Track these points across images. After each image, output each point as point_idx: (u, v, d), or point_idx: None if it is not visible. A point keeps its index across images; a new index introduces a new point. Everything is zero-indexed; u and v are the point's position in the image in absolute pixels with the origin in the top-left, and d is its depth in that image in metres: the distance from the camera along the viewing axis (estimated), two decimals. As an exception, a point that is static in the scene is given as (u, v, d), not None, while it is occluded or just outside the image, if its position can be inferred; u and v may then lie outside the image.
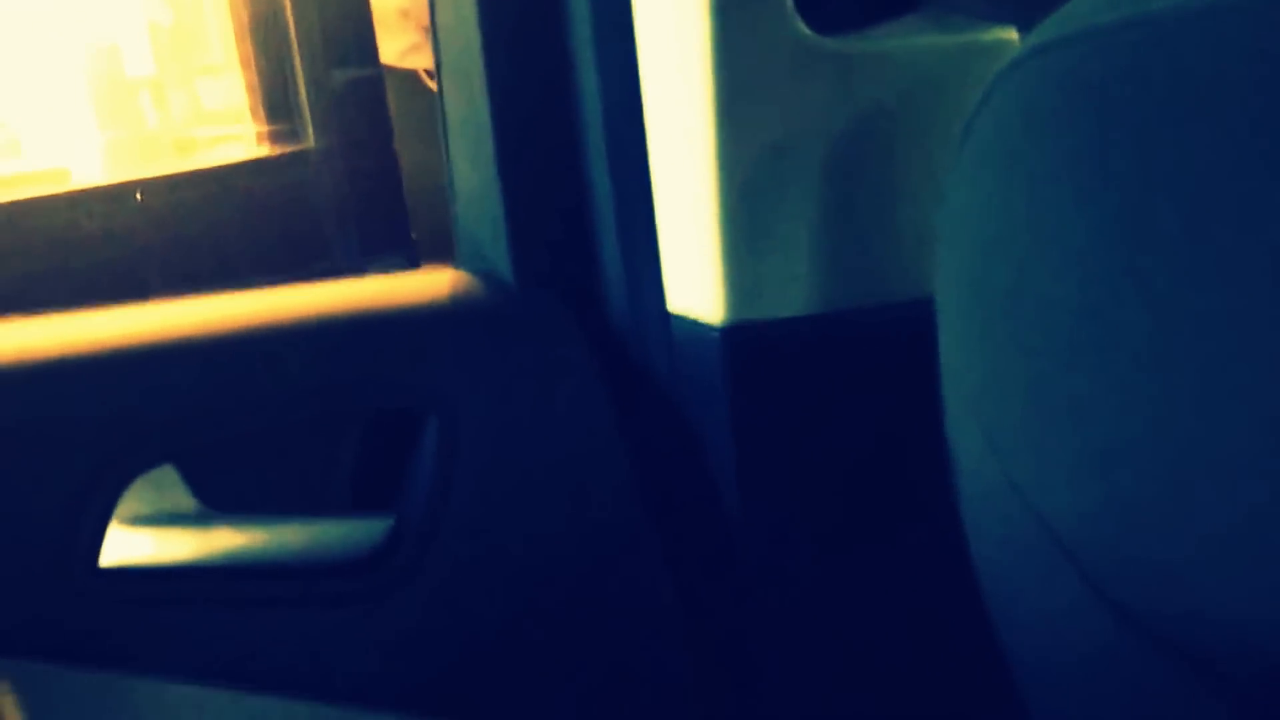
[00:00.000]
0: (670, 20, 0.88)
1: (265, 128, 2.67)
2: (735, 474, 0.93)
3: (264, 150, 2.69)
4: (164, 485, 0.90)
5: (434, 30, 1.04)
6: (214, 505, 0.92)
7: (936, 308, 0.68)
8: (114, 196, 2.40)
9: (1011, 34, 0.88)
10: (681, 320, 0.94)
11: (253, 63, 2.66)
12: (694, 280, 0.92)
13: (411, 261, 2.77)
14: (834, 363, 0.92)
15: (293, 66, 2.62)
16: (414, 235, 2.69)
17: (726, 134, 0.87)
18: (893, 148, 0.89)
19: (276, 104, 2.67)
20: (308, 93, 2.62)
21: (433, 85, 1.35)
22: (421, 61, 2.60)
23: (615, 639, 0.96)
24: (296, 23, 2.59)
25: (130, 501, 0.87)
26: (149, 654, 0.86)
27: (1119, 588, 0.56)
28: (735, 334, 0.90)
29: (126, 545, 0.88)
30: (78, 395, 0.87)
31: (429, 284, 1.00)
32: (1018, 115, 0.59)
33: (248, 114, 2.72)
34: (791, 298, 0.90)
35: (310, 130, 2.64)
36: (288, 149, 2.67)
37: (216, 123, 2.94)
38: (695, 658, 0.96)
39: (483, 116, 0.98)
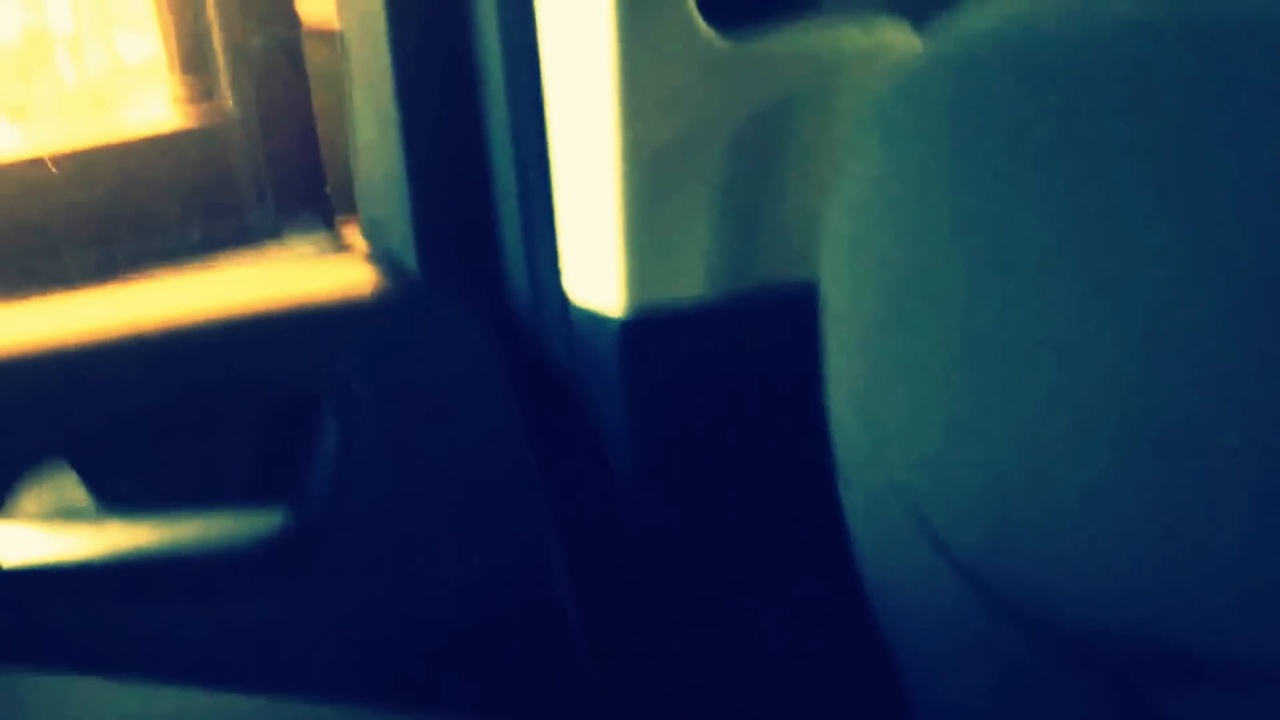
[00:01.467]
0: (573, 12, 0.88)
1: (183, 87, 2.64)
2: (632, 461, 0.94)
3: (180, 117, 2.65)
4: (58, 480, 0.90)
5: (342, 22, 1.04)
6: (108, 499, 0.92)
7: (821, 303, 0.69)
8: (28, 166, 2.37)
9: (907, 34, 0.89)
10: (580, 308, 0.95)
11: (170, 21, 2.63)
12: (593, 268, 0.93)
13: (327, 220, 2.75)
14: (727, 349, 0.94)
15: (208, 25, 2.59)
16: (329, 192, 2.67)
17: (627, 126, 0.87)
18: (788, 142, 0.90)
19: (193, 63, 2.64)
20: (225, 52, 2.59)
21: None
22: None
23: (511, 628, 0.97)
24: (213, -20, 2.57)
25: (24, 498, 0.87)
26: (48, 651, 0.86)
27: (992, 578, 0.57)
28: (632, 321, 0.91)
29: (21, 542, 0.88)
30: None
31: (332, 273, 1.00)
32: (906, 118, 0.60)
33: (165, 72, 2.69)
34: (687, 285, 0.91)
35: (228, 91, 2.61)
36: (205, 111, 2.65)
37: (133, 79, 2.90)
38: (590, 648, 0.97)
39: (388, 106, 0.98)
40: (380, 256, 1.03)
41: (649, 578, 0.96)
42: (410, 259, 1.00)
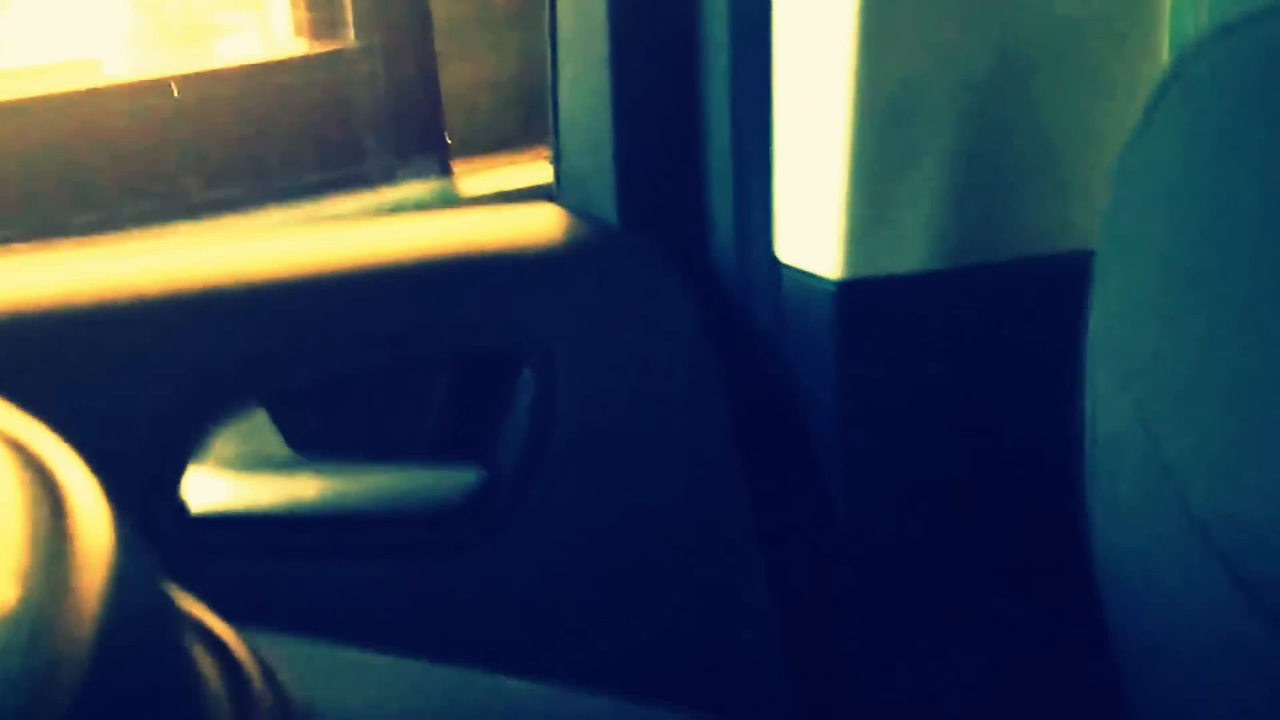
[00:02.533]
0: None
1: (304, 17, 2.61)
2: (839, 437, 0.90)
3: (302, 46, 2.63)
4: (253, 430, 0.87)
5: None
6: (302, 450, 0.89)
7: (1095, 273, 0.65)
8: (149, 90, 2.35)
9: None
10: (792, 272, 0.90)
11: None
12: (809, 231, 0.88)
13: (444, 166, 2.73)
14: (952, 326, 0.89)
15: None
16: (448, 139, 2.65)
17: (861, 76, 0.82)
18: (1031, 97, 0.85)
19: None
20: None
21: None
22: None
23: (703, 607, 0.92)
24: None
25: (219, 446, 0.84)
26: (233, 603, 0.82)
27: (1269, 584, 0.53)
28: (850, 289, 0.86)
29: (215, 491, 0.85)
30: (163, 336, 0.84)
31: (527, 221, 0.95)
32: (1210, 90, 0.57)
33: (287, 3, 2.66)
34: (911, 253, 0.86)
35: (350, 25, 2.58)
36: (326, 46, 2.62)
37: (252, 9, 2.88)
38: (783, 630, 0.93)
39: (598, 46, 0.93)
40: (577, 208, 0.98)
41: (852, 569, 0.92)
42: (610, 212, 0.95)
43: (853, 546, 0.91)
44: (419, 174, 2.49)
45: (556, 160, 1.01)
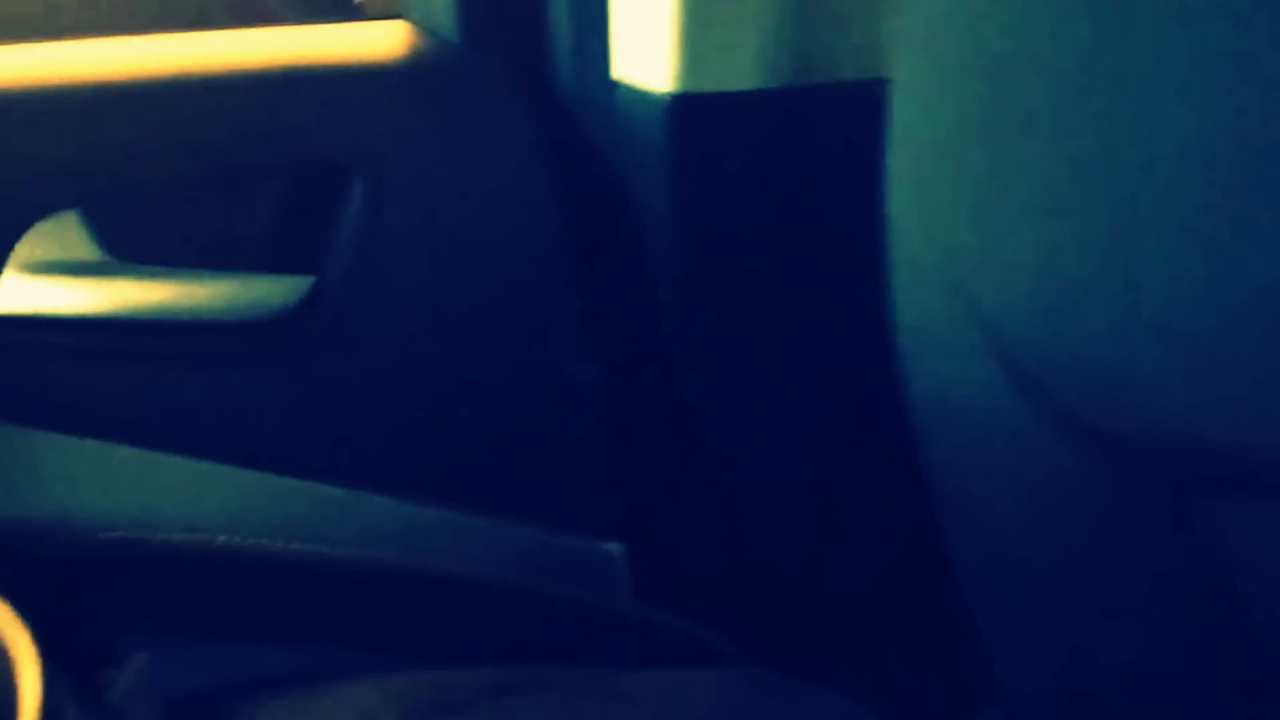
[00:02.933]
0: None
1: None
2: (671, 253, 0.92)
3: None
4: (65, 232, 0.87)
5: None
6: (122, 255, 0.89)
7: (889, 89, 0.67)
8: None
9: None
10: (627, 89, 0.91)
11: None
12: (643, 48, 0.89)
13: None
14: (779, 144, 0.91)
15: None
16: None
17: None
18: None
19: None
20: None
21: None
22: None
23: (538, 415, 0.94)
24: None
25: (28, 247, 0.84)
26: (46, 407, 0.83)
27: (1047, 380, 0.56)
28: (682, 104, 0.88)
29: (24, 293, 0.85)
30: None
31: (371, 37, 0.96)
32: None
33: None
34: (742, 74, 0.88)
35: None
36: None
37: None
38: (615, 434, 0.95)
39: None
40: (420, 23, 0.99)
41: (683, 372, 0.94)
42: (451, 28, 0.96)
43: (683, 350, 0.94)
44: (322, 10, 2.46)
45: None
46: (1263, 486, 0.50)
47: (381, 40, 0.96)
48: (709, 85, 0.88)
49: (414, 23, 0.99)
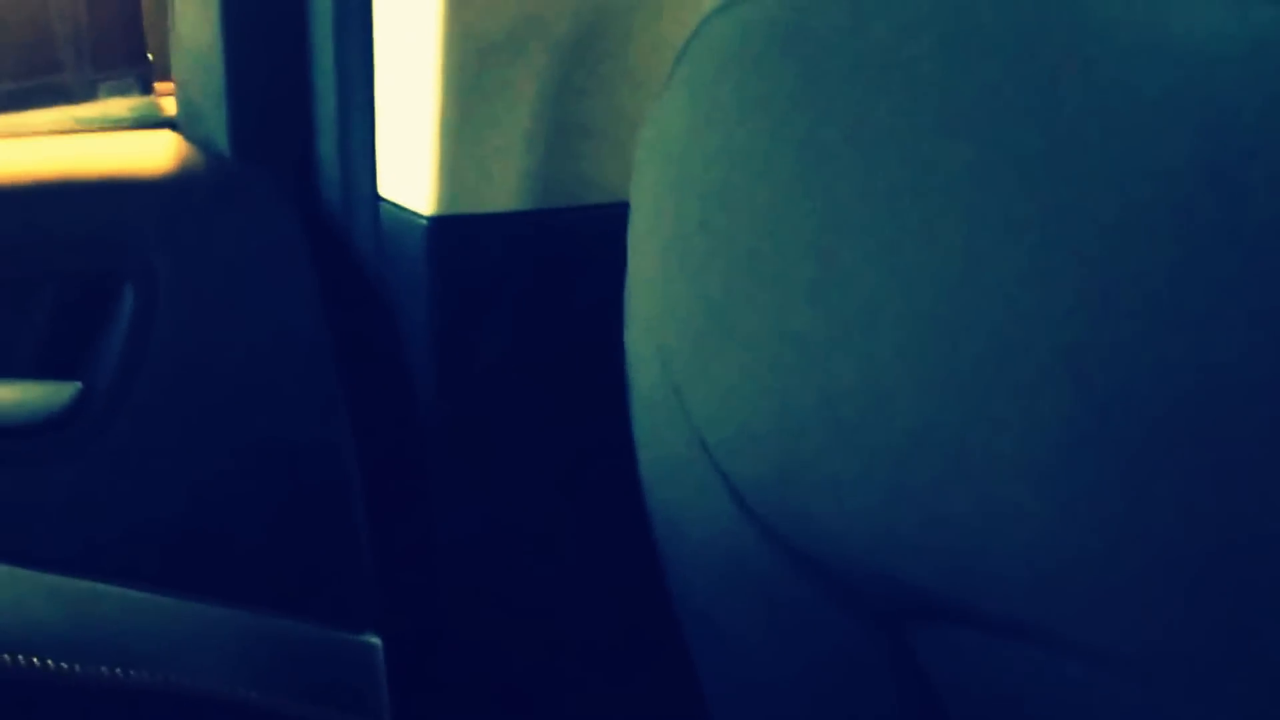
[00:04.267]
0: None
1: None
2: (434, 367, 0.95)
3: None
4: None
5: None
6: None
7: (629, 225, 0.69)
8: None
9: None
10: (391, 206, 0.95)
11: None
12: (406, 168, 0.93)
13: (145, 82, 2.68)
14: (536, 264, 0.95)
15: None
16: (150, 55, 2.60)
17: (451, 28, 0.88)
18: (616, 58, 0.91)
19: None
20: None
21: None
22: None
23: (300, 528, 0.97)
24: None
25: None
26: None
27: (770, 513, 0.58)
28: (442, 225, 0.91)
29: None
30: None
31: (143, 147, 0.99)
32: (725, 53, 0.61)
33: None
34: (498, 194, 0.92)
35: (47, -63, 2.51)
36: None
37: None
38: (375, 543, 0.98)
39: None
40: (194, 136, 1.02)
41: (443, 483, 0.98)
42: (223, 140, 1.00)
43: (443, 458, 0.98)
44: (120, 90, 2.44)
45: (176, 89, 1.05)
46: (965, 618, 0.51)
47: (153, 151, 0.98)
48: (467, 207, 0.92)
49: (187, 135, 1.02)
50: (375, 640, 0.99)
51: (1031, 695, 0.51)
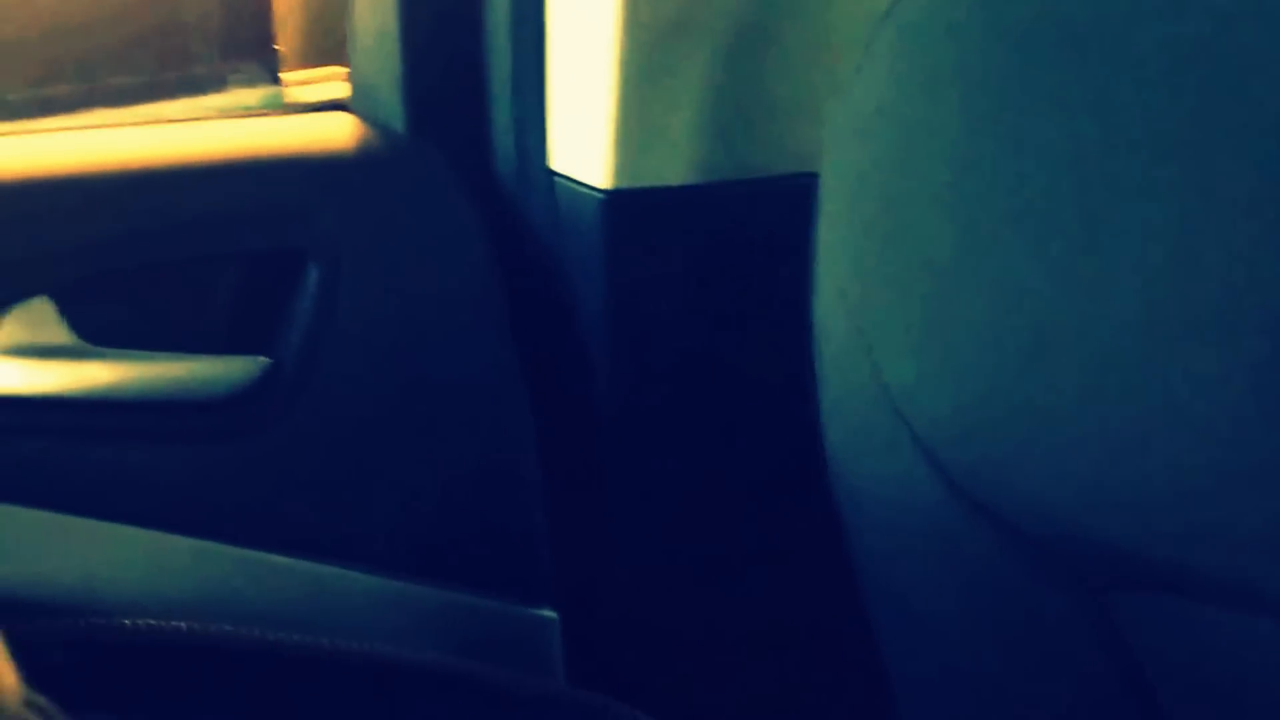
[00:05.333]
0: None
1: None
2: (608, 341, 0.95)
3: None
4: (38, 318, 0.90)
5: None
6: (90, 339, 0.92)
7: (819, 188, 0.69)
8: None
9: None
10: (566, 181, 0.95)
11: None
12: (581, 143, 0.93)
13: (273, 74, 2.71)
14: (713, 237, 0.94)
15: None
16: (278, 46, 2.63)
17: (628, 5, 0.87)
18: (794, 30, 0.91)
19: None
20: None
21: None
22: None
23: (476, 499, 0.98)
24: None
25: (3, 332, 0.87)
26: (12, 484, 0.86)
27: (968, 476, 0.57)
28: (617, 199, 0.91)
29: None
30: None
31: (320, 127, 1.00)
32: (920, 27, 0.61)
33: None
34: (672, 167, 0.91)
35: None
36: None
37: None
38: (551, 514, 0.99)
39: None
40: (369, 116, 1.03)
41: (618, 456, 0.98)
42: (398, 120, 1.00)
43: (619, 434, 0.98)
44: (248, 81, 2.47)
45: (352, 72, 1.06)
46: (1172, 583, 0.50)
47: (331, 131, 0.99)
48: (643, 181, 0.92)
49: (361, 115, 1.03)
50: (552, 614, 0.99)
51: (1238, 660, 0.50)
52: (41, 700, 0.34)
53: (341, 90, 1.10)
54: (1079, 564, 0.54)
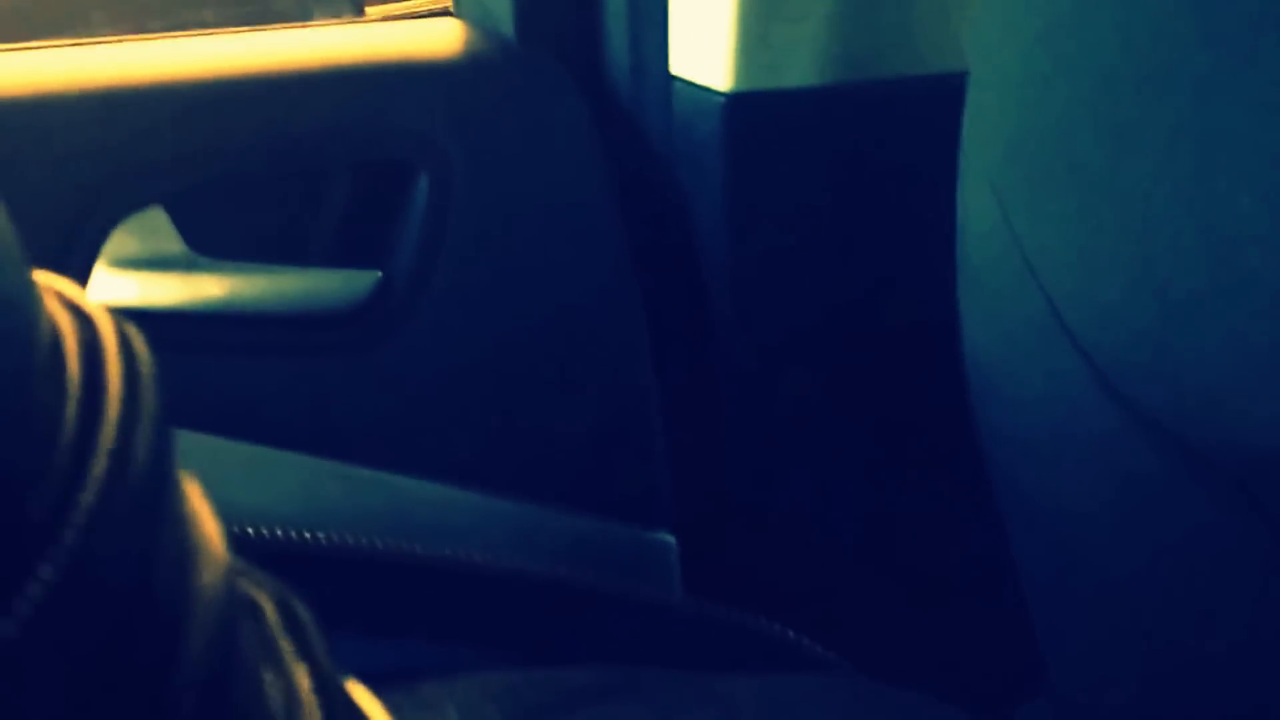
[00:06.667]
0: None
1: None
2: (726, 245, 0.93)
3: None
4: (152, 227, 0.88)
5: None
6: (201, 249, 0.90)
7: (967, 78, 0.67)
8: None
9: None
10: (684, 85, 0.92)
11: None
12: (701, 44, 0.90)
13: (356, 3, 2.69)
14: (832, 138, 0.91)
15: None
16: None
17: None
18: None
19: None
20: None
21: None
22: None
23: (593, 408, 0.95)
24: None
25: (117, 243, 0.85)
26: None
27: (1126, 379, 0.56)
28: (738, 101, 0.88)
29: (112, 287, 0.86)
30: (64, 132, 0.84)
31: (427, 34, 0.97)
32: None
33: None
34: (796, 68, 0.88)
35: None
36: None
37: None
38: (668, 434, 0.96)
39: None
40: (477, 22, 0.99)
41: (736, 377, 0.95)
42: (508, 27, 0.97)
43: (737, 354, 0.95)
44: (332, 11, 2.45)
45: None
46: None
47: (439, 38, 0.96)
48: (768, 82, 0.89)
49: (468, 20, 1.00)
50: (670, 538, 0.97)
51: None
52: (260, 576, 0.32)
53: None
54: (1243, 475, 0.52)
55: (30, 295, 0.26)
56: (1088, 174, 0.57)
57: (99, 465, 0.25)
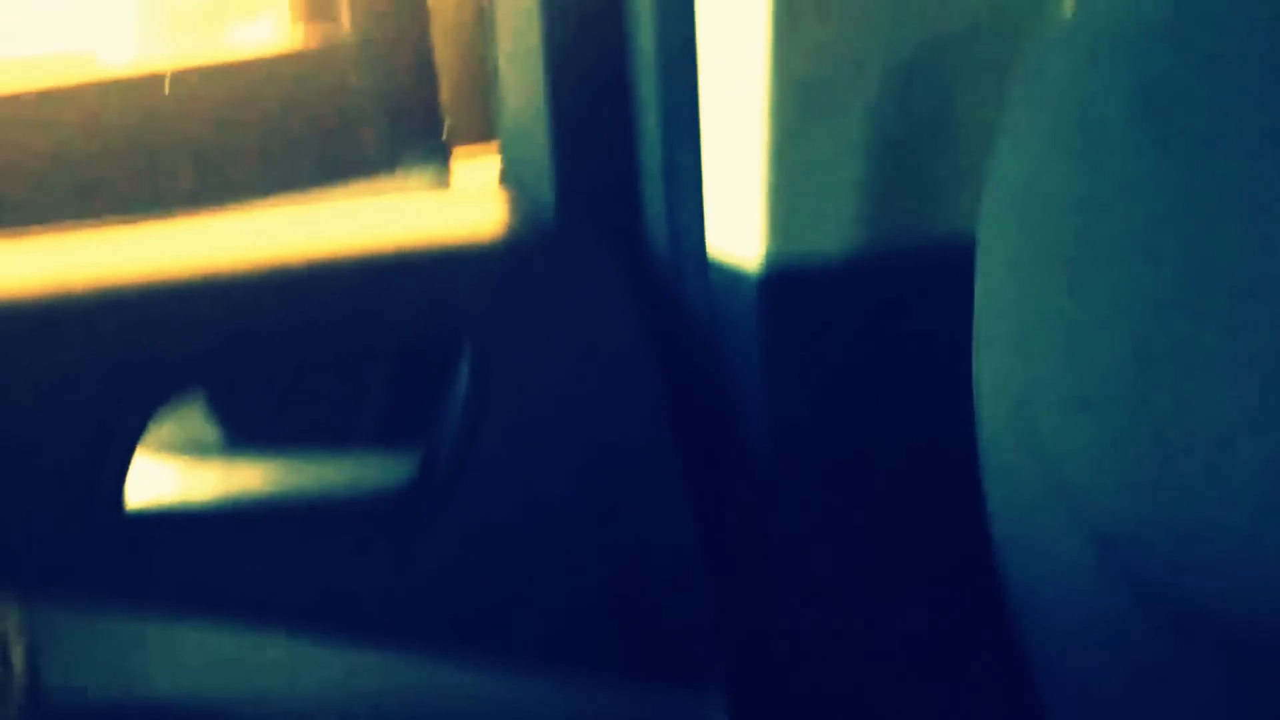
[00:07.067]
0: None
1: (299, 6, 2.63)
2: (768, 422, 0.92)
3: (296, 37, 2.64)
4: (188, 418, 0.89)
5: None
6: (239, 438, 0.91)
7: (977, 259, 0.67)
8: (141, 87, 2.34)
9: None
10: (720, 262, 0.93)
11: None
12: (735, 218, 0.90)
13: (443, 154, 2.74)
14: (874, 306, 0.91)
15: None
16: (447, 127, 2.66)
17: (777, 76, 0.85)
18: (946, 87, 0.88)
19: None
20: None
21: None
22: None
23: (640, 594, 0.95)
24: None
25: (155, 435, 0.86)
26: (174, 592, 0.85)
27: (1143, 564, 0.55)
28: (774, 276, 0.89)
29: (151, 482, 0.87)
30: (100, 329, 0.86)
31: (467, 210, 0.98)
32: (1078, 69, 0.58)
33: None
34: (834, 235, 0.89)
35: (345, 12, 2.59)
36: (321, 33, 2.64)
37: None
38: (718, 607, 0.96)
39: (534, 42, 0.96)
40: (518, 197, 1.01)
41: (782, 550, 0.94)
42: (549, 201, 0.98)
43: (783, 525, 0.94)
44: (419, 161, 2.50)
45: (500, 153, 1.04)
46: None
47: (480, 213, 0.98)
48: (801, 248, 0.89)
49: (510, 197, 1.01)
50: (721, 706, 0.96)
51: None
52: None
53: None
54: (1267, 660, 0.52)
55: None
56: (1095, 342, 0.56)
57: None
